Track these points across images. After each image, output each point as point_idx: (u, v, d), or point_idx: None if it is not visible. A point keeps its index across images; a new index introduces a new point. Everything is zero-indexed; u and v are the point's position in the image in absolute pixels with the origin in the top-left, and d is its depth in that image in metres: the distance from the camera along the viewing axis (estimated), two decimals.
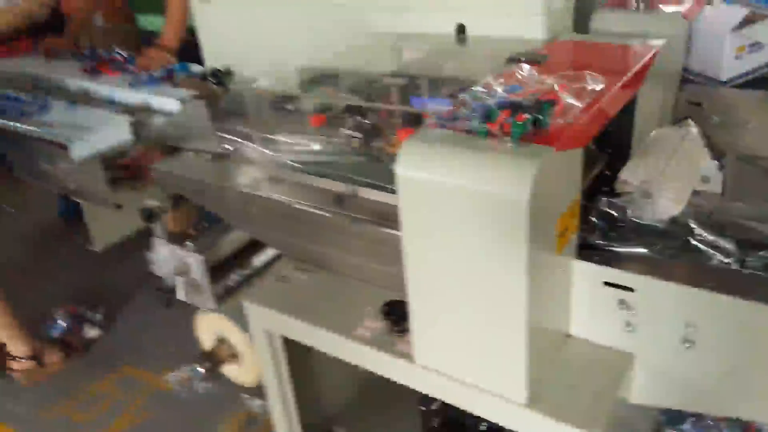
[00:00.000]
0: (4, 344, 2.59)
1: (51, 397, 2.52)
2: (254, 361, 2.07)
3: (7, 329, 2.51)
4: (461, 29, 1.73)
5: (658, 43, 1.51)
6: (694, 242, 1.25)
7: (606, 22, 1.71)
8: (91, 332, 2.84)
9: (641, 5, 1.84)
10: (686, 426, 1.68)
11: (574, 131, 1.11)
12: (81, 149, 1.95)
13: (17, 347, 2.57)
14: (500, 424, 1.27)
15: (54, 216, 3.70)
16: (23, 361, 2.58)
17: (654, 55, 1.45)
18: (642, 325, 1.24)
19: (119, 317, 2.97)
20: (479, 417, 1.59)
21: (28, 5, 2.69)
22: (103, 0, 3.15)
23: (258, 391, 2.27)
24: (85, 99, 2.28)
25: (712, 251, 1.23)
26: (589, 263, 1.24)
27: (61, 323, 2.82)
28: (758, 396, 1.19)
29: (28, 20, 2.80)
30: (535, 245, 1.06)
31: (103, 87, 2.28)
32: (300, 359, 1.77)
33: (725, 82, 1.91)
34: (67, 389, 2.56)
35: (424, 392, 1.38)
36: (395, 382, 1.42)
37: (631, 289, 1.22)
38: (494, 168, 1.05)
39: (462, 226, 1.11)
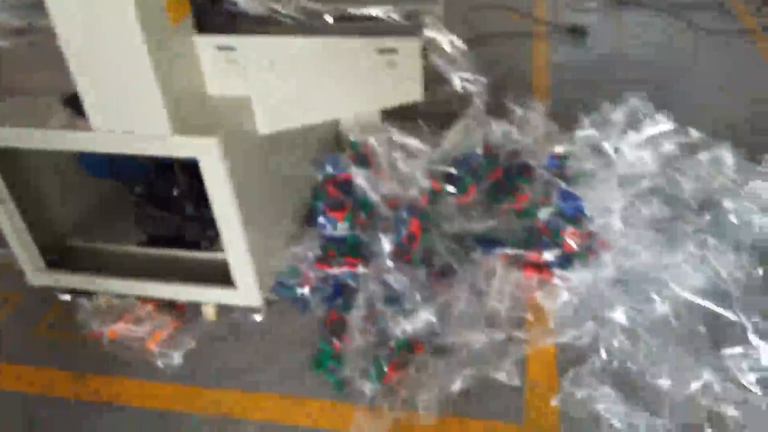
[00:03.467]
0: None
1: None
2: None
3: None
4: None
5: None
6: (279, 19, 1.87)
7: None
8: None
9: None
10: None
11: None
12: None
13: None
14: (158, 154, 1.81)
15: None
16: None
17: None
18: (248, 73, 1.85)
19: None
20: (171, 187, 2.14)
21: None
22: None
23: None
24: None
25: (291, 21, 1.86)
26: (204, 35, 1.80)
27: None
28: (323, 103, 1.89)
29: None
30: (146, 14, 1.56)
31: None
32: (21, 182, 2.12)
33: None
34: None
35: (103, 151, 1.86)
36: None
37: (234, 48, 1.80)
38: None
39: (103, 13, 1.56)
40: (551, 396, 1.83)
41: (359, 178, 2.35)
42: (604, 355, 1.91)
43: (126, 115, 1.75)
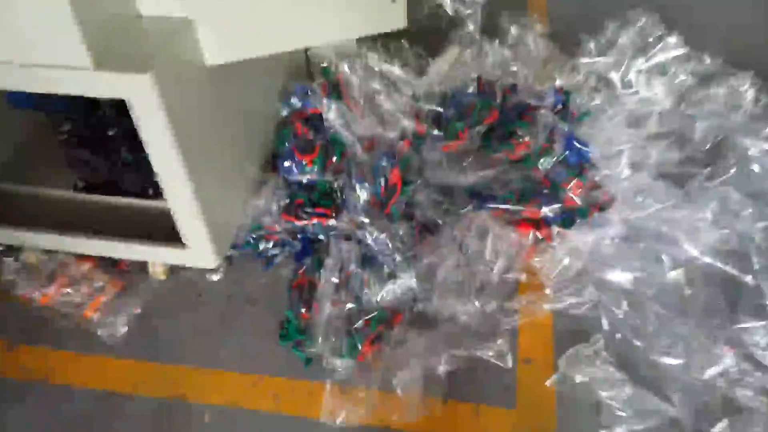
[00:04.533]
0: None
1: None
2: None
3: None
4: None
5: None
6: None
7: None
8: None
9: None
10: None
11: None
12: None
13: None
14: (77, 93, 1.45)
15: None
16: None
17: None
18: None
19: None
20: (106, 128, 1.80)
21: None
22: None
23: None
24: None
25: None
26: None
27: None
28: (284, 29, 1.53)
29: None
30: None
31: None
32: None
33: None
34: None
35: (7, 88, 1.50)
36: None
37: None
38: None
39: None
40: (546, 375, 1.63)
41: (331, 113, 2.01)
42: (606, 326, 1.70)
43: (34, 44, 1.37)
